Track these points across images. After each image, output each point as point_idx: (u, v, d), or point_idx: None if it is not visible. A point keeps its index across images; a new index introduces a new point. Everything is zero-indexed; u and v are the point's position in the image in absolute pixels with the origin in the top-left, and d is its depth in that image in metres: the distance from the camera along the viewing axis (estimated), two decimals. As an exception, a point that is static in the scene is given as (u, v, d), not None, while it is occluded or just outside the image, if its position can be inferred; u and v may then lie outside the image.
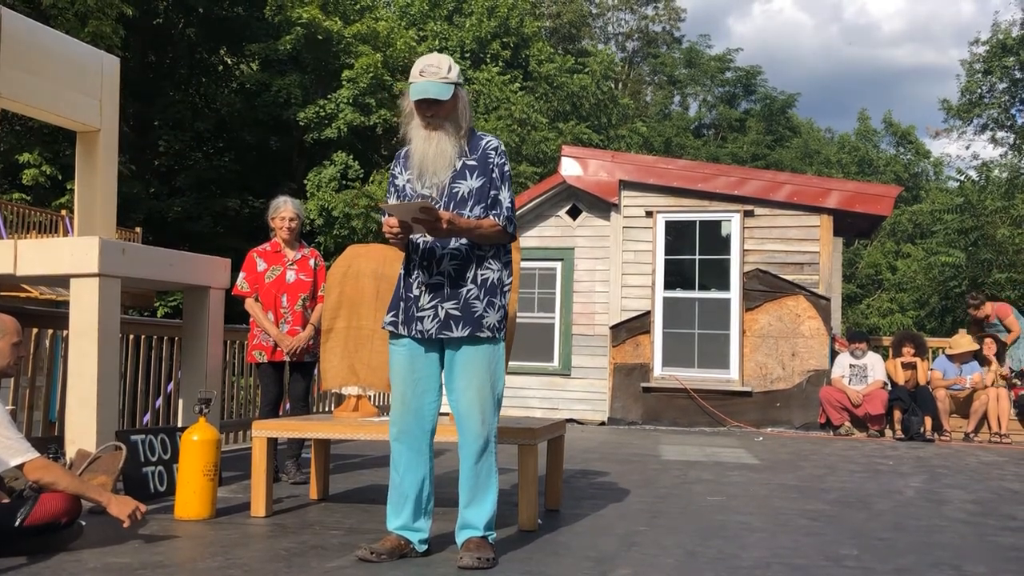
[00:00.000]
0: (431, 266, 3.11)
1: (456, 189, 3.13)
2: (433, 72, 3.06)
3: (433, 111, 3.09)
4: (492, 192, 3.14)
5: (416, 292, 3.12)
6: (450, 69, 3.09)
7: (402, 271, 3.21)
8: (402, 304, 3.16)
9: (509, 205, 3.17)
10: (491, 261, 3.15)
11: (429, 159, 3.10)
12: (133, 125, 20.49)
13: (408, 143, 3.18)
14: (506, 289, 3.19)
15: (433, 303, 3.09)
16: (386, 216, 3.14)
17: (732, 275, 9.36)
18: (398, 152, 3.32)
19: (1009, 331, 9.18)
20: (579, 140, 23.12)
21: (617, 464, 6.02)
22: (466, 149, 3.16)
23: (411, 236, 3.12)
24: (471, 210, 3.11)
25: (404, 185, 3.22)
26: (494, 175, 3.15)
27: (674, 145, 32.23)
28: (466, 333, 3.07)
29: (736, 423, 9.10)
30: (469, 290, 3.09)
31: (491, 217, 3.12)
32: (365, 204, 18.75)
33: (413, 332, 3.11)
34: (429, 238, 3.10)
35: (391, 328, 3.18)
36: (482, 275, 3.12)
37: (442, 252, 3.11)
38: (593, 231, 10.01)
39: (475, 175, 3.14)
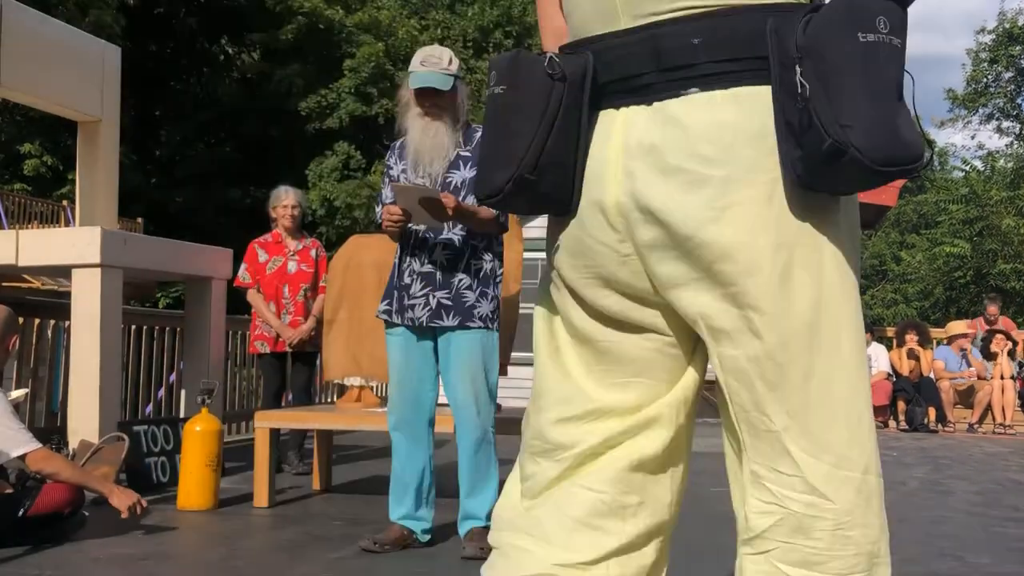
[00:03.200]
0: (424, 255, 3.11)
1: (449, 179, 3.14)
2: (434, 63, 3.06)
3: (433, 101, 3.08)
4: None
5: (408, 280, 3.12)
6: (451, 61, 3.09)
7: (396, 260, 3.22)
8: (395, 293, 3.16)
9: None
10: (484, 252, 3.15)
11: (425, 150, 3.10)
12: (134, 115, 20.46)
13: (404, 133, 3.18)
14: (498, 280, 3.20)
15: (424, 292, 3.09)
16: (383, 204, 3.13)
17: (735, 265, 9.32)
18: (393, 143, 3.31)
19: None
20: (582, 130, 23.01)
21: (620, 455, 6.02)
22: (461, 140, 3.16)
23: (410, 225, 3.11)
24: (463, 199, 3.11)
25: (399, 175, 3.22)
26: None
27: (677, 135, 32.12)
28: (456, 323, 3.07)
29: (739, 413, 9.08)
30: (461, 280, 3.09)
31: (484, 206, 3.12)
32: (367, 194, 18.72)
33: (405, 320, 3.11)
34: (422, 226, 3.10)
35: (384, 317, 3.18)
36: (475, 265, 3.12)
37: (435, 241, 3.10)
38: (596, 221, 9.99)
39: (468, 166, 3.14)
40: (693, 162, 1.03)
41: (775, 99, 1.01)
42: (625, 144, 1.08)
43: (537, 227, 10.16)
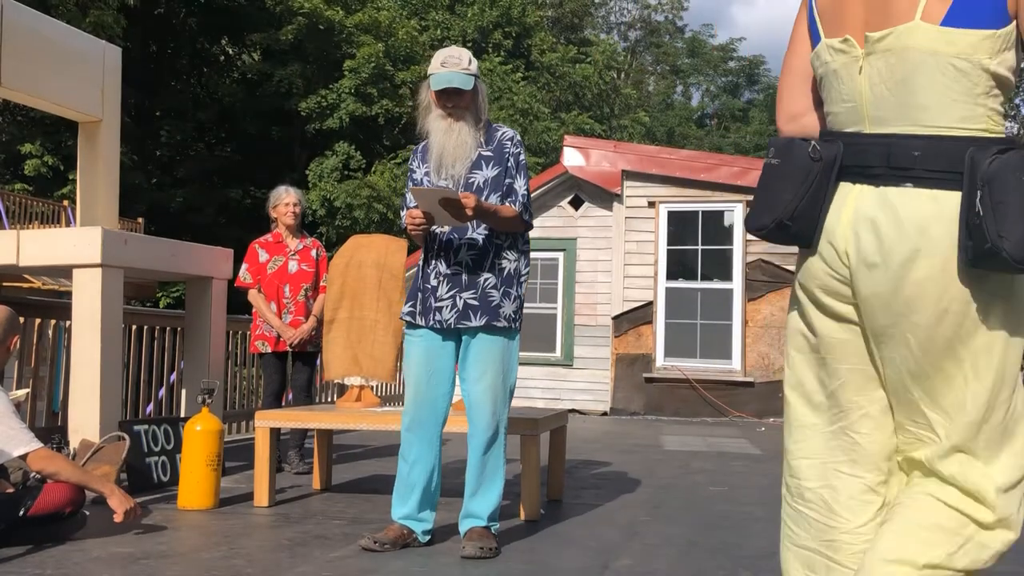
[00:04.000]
0: (449, 256, 3.13)
1: (472, 179, 3.15)
2: (455, 63, 3.09)
3: (454, 101, 3.10)
4: (507, 181, 3.17)
5: (434, 282, 3.14)
6: (470, 61, 3.13)
7: (420, 262, 3.23)
8: (420, 295, 3.17)
9: (525, 193, 3.19)
10: (508, 251, 3.17)
11: (449, 151, 3.11)
12: (135, 115, 20.48)
13: (426, 136, 3.19)
14: (523, 279, 3.21)
15: (451, 293, 3.10)
16: (407, 207, 3.14)
17: (734, 265, 9.35)
18: (415, 147, 3.32)
19: None
20: (581, 130, 23.05)
21: (619, 454, 6.03)
22: (482, 140, 3.18)
23: (432, 227, 3.12)
24: (486, 199, 3.12)
25: (422, 178, 3.23)
26: (509, 164, 3.18)
27: (677, 135, 32.16)
28: (483, 323, 3.08)
29: (738, 413, 9.10)
30: (487, 279, 3.11)
31: (507, 204, 3.14)
32: (367, 195, 18.73)
33: (431, 322, 3.12)
34: (447, 228, 3.11)
35: (408, 318, 3.18)
36: (500, 264, 3.14)
37: (460, 242, 3.12)
38: (595, 221, 10.00)
39: (491, 165, 3.16)
40: (896, 233, 1.53)
41: (961, 205, 1.50)
42: (856, 210, 1.59)
43: (536, 227, 10.17)
